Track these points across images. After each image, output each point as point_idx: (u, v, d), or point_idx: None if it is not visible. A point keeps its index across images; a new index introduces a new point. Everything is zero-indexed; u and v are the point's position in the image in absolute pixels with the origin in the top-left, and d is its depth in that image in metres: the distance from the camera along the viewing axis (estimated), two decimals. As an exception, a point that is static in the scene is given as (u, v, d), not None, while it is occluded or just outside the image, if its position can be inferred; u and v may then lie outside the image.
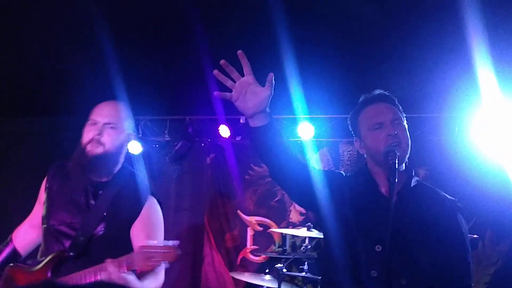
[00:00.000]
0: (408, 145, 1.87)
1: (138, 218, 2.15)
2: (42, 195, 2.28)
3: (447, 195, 1.98)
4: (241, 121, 5.12)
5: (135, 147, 5.23)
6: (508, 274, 4.48)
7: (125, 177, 2.25)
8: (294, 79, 3.78)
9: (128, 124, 2.26)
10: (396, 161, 1.75)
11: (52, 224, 2.16)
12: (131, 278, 1.93)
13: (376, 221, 1.79)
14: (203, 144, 5.41)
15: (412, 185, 1.93)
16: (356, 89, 4.17)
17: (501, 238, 4.53)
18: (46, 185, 2.26)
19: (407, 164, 1.94)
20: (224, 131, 5.08)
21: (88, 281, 1.98)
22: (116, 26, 3.41)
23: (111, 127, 2.17)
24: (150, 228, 2.15)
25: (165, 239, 5.69)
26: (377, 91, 2.00)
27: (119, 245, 2.11)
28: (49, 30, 3.59)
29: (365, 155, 2.01)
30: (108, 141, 2.15)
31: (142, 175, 2.34)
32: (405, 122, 1.96)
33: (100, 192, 2.17)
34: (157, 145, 5.42)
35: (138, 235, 2.13)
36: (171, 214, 5.15)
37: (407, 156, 1.89)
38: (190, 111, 5.19)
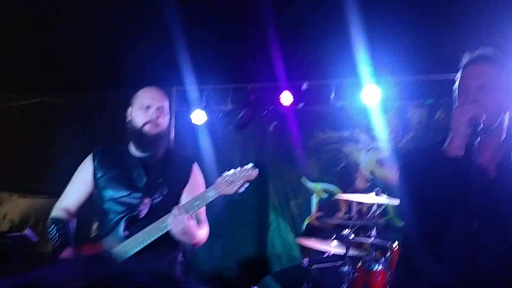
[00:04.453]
0: (495, 112, 1.72)
1: (189, 182, 2.46)
2: (86, 178, 2.49)
3: None
4: (304, 87, 5.03)
5: (199, 117, 5.33)
6: None
7: (167, 150, 2.54)
8: (360, 39, 3.62)
9: (168, 108, 2.52)
10: (478, 129, 1.62)
11: (112, 199, 2.39)
12: (193, 222, 2.25)
13: (471, 196, 1.65)
14: (265, 112, 5.39)
15: None
16: (428, 48, 3.96)
17: None
18: (93, 168, 2.47)
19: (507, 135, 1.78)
20: (286, 98, 5.02)
21: (154, 237, 2.25)
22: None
23: (163, 110, 2.44)
24: (199, 189, 2.41)
25: (231, 206, 5.83)
26: (480, 51, 1.83)
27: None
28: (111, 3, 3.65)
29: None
30: (163, 122, 2.44)
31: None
32: (504, 83, 1.77)
33: (149, 165, 2.43)
34: (220, 114, 5.47)
35: (190, 195, 2.38)
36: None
37: (496, 124, 1.74)
38: (252, 78, 5.17)
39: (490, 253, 1.66)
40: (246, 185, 2.24)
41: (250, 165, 2.28)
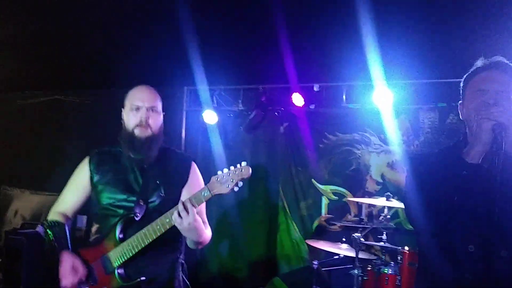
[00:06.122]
0: (509, 119, 1.72)
1: (188, 181, 2.41)
2: (83, 182, 2.45)
3: None
4: (315, 89, 5.02)
5: (210, 117, 5.35)
6: None
7: (164, 150, 2.46)
8: (372, 42, 3.61)
9: (161, 106, 2.43)
10: (503, 134, 1.65)
11: (109, 204, 2.35)
12: (200, 219, 2.19)
13: (469, 194, 1.70)
14: (276, 113, 5.39)
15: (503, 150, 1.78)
16: (440, 52, 3.94)
17: None
18: (90, 172, 2.43)
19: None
20: (297, 99, 5.02)
21: (154, 236, 2.18)
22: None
23: (154, 111, 2.37)
24: (198, 188, 2.30)
25: (241, 206, 5.81)
26: (496, 58, 1.86)
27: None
28: (124, 3, 3.68)
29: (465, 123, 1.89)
30: (154, 123, 2.36)
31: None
32: None
33: (145, 166, 2.38)
34: (231, 115, 5.49)
35: (189, 195, 2.29)
36: (246, 182, 5.23)
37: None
38: (263, 80, 5.18)
39: (497, 247, 1.67)
40: (240, 184, 2.16)
41: (244, 163, 2.16)
